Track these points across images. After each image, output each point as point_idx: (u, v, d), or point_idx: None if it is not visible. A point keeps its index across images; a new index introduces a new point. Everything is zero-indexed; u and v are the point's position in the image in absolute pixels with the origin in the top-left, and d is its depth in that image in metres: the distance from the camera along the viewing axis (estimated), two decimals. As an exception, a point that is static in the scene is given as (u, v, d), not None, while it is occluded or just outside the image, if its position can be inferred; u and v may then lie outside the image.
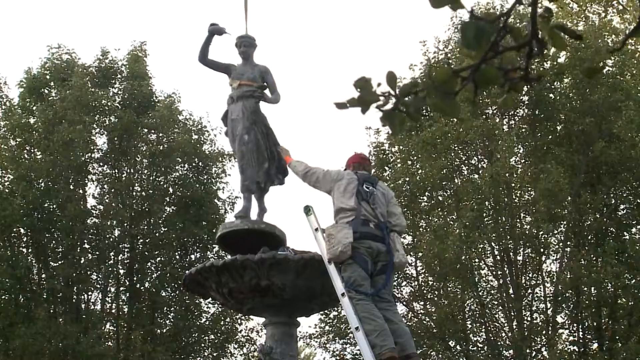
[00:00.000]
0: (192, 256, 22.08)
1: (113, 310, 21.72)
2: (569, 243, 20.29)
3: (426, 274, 20.77)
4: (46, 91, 22.55)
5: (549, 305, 20.01)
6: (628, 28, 22.83)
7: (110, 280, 21.58)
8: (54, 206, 20.85)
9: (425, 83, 2.49)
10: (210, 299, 9.14)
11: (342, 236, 7.09)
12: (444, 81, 2.46)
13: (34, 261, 21.12)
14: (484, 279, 20.54)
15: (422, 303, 21.07)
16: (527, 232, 19.76)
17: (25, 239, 21.41)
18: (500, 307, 20.21)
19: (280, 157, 8.66)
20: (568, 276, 19.35)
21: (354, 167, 7.73)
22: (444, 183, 20.52)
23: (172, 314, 21.79)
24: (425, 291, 20.95)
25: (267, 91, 8.99)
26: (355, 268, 7.06)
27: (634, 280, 18.98)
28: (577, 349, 20.28)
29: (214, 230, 22.22)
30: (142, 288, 21.71)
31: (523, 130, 20.69)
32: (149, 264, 21.89)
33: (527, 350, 19.21)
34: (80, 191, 21.94)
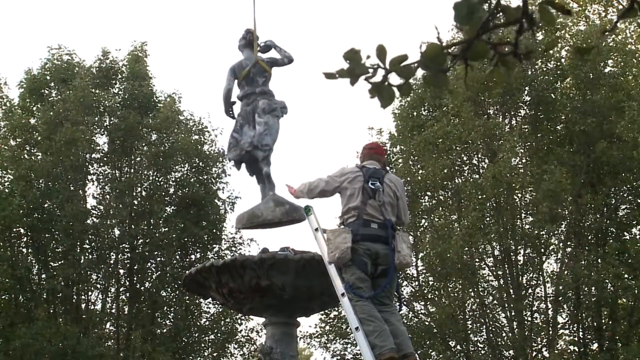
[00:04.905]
0: (192, 256, 22.07)
1: (113, 311, 21.70)
2: (569, 243, 20.28)
3: (427, 274, 20.77)
4: (46, 92, 22.56)
5: (549, 305, 20.00)
6: (628, 27, 22.79)
7: (110, 280, 21.57)
8: (54, 206, 20.84)
9: (417, 60, 2.48)
10: (210, 299, 9.12)
11: (339, 241, 7.04)
12: (433, 57, 2.46)
13: (34, 261, 21.10)
14: (485, 279, 20.54)
15: (422, 303, 21.06)
16: (528, 232, 19.75)
17: (25, 239, 21.39)
18: (500, 307, 20.20)
19: None
20: (569, 276, 19.34)
21: (362, 159, 7.66)
22: (445, 183, 20.52)
23: (172, 314, 21.78)
24: (425, 291, 20.95)
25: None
26: (354, 270, 7.01)
27: (634, 281, 18.96)
28: (577, 349, 20.27)
29: (218, 228, 22.27)
30: (142, 288, 21.70)
31: (525, 130, 20.67)
32: (149, 264, 21.87)
33: (528, 351, 19.20)
34: (80, 191, 21.93)
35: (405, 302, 20.51)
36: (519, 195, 20.19)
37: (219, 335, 21.99)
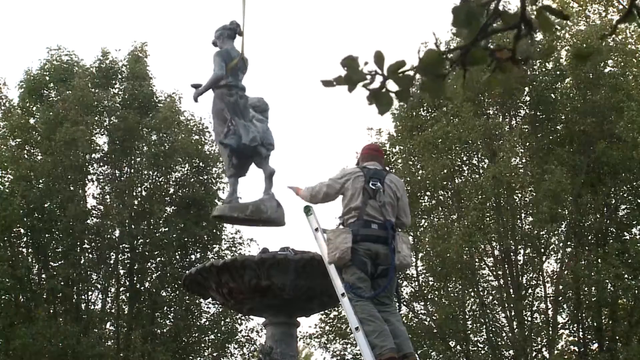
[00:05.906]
0: (192, 256, 22.07)
1: (113, 310, 21.70)
2: (569, 243, 20.28)
3: (427, 274, 20.77)
4: (45, 92, 22.58)
5: (549, 305, 20.00)
6: (628, 27, 22.79)
7: (110, 280, 21.57)
8: (54, 206, 20.84)
9: (414, 66, 2.47)
10: (210, 299, 9.10)
11: (340, 241, 7.04)
12: (432, 63, 2.44)
13: (34, 261, 21.11)
14: (485, 279, 20.54)
15: (422, 303, 21.05)
16: (528, 232, 19.75)
17: (25, 239, 21.39)
18: (500, 307, 20.20)
19: None
20: (569, 276, 19.33)
21: (363, 160, 7.64)
22: (445, 183, 20.52)
23: (172, 314, 21.79)
24: (425, 291, 20.95)
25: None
26: (354, 270, 7.01)
27: (634, 281, 18.96)
28: (577, 349, 20.27)
29: (218, 228, 22.24)
30: (142, 288, 21.70)
31: (525, 130, 20.68)
32: (149, 264, 21.88)
33: (528, 351, 19.20)
34: (80, 191, 21.94)
35: (404, 303, 20.50)
36: (519, 195, 20.18)
37: (219, 335, 21.98)
